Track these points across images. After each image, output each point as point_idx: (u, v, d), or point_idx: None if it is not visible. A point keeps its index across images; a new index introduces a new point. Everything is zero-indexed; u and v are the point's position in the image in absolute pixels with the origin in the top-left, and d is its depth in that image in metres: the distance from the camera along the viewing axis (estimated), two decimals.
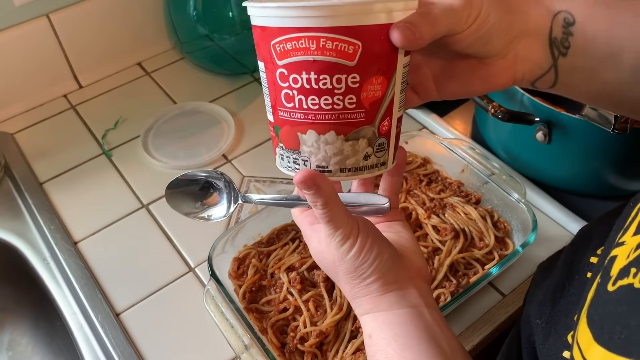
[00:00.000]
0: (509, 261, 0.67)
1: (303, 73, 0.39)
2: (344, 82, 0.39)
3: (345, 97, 0.40)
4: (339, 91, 0.40)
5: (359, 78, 0.39)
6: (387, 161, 0.44)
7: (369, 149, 0.43)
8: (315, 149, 0.42)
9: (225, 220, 0.79)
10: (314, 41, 0.38)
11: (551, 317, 0.43)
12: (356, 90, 0.40)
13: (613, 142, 0.69)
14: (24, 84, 0.95)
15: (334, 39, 0.38)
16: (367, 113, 0.41)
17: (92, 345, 0.66)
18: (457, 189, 0.78)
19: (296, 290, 0.65)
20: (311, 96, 0.40)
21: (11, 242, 0.77)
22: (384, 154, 0.44)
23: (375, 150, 0.43)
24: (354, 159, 0.42)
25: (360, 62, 0.39)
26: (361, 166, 0.43)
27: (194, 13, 0.92)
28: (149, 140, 0.90)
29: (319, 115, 0.41)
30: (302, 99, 0.41)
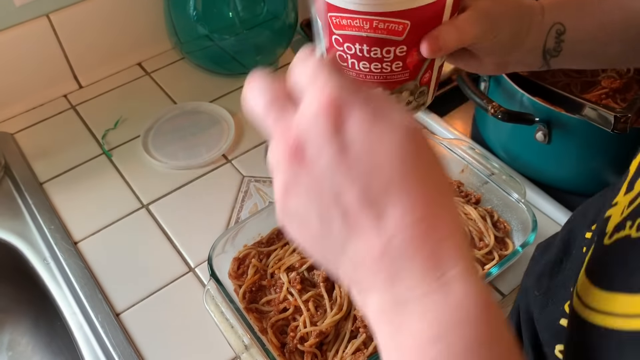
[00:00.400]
0: (508, 261, 0.67)
1: (356, 44, 0.44)
2: (393, 52, 0.44)
3: (393, 63, 0.45)
4: (387, 59, 0.45)
5: (406, 48, 0.45)
6: (426, 101, 0.52)
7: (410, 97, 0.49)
8: None
9: (225, 221, 0.79)
10: (368, 22, 0.42)
11: (549, 289, 0.43)
12: (403, 58, 0.45)
13: (613, 142, 0.69)
14: (24, 84, 0.95)
15: (385, 20, 0.42)
16: (411, 72, 0.47)
17: (92, 345, 0.66)
18: (456, 189, 0.78)
19: (296, 290, 0.65)
20: (363, 62, 0.45)
21: (11, 242, 0.77)
22: (424, 97, 0.51)
23: (416, 97, 0.50)
24: None
25: (408, 36, 0.44)
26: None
27: (194, 13, 0.92)
28: (149, 140, 0.90)
29: (369, 76, 0.46)
30: (354, 63, 0.46)
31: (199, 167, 0.86)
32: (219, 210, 0.80)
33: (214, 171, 0.86)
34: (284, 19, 0.97)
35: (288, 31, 1.00)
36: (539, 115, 0.71)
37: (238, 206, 0.81)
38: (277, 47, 1.01)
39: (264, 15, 0.94)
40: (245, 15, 0.94)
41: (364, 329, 0.62)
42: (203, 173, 0.86)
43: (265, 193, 0.82)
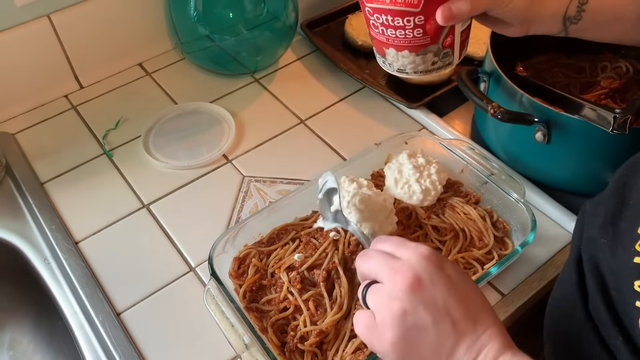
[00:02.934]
0: (508, 261, 0.67)
1: (382, 15, 0.55)
2: (413, 21, 0.54)
3: (414, 30, 0.55)
4: (409, 26, 0.55)
5: (423, 18, 0.54)
6: (452, 61, 0.61)
7: (435, 59, 0.59)
8: (395, 59, 0.60)
9: (225, 220, 0.79)
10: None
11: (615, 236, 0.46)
12: (422, 25, 0.54)
13: (612, 142, 0.69)
14: (25, 85, 0.95)
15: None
16: (432, 37, 0.56)
17: (93, 345, 0.66)
18: (456, 189, 0.78)
19: (296, 290, 0.65)
20: (389, 29, 0.56)
21: (12, 242, 0.77)
22: (449, 58, 0.60)
23: (441, 57, 0.59)
24: (424, 65, 0.59)
25: (424, 7, 0.53)
26: (430, 69, 0.60)
27: (195, 14, 0.92)
28: (150, 141, 0.90)
29: (396, 40, 0.57)
30: (383, 30, 0.57)
31: (199, 167, 0.86)
32: (219, 210, 0.80)
33: (215, 171, 0.86)
34: (284, 19, 0.97)
35: (288, 32, 1.00)
36: (539, 115, 0.71)
37: (238, 206, 0.81)
38: (278, 48, 1.02)
39: (265, 16, 0.95)
40: (246, 15, 0.94)
41: None
42: (204, 173, 0.86)
43: (266, 193, 0.82)
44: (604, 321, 0.45)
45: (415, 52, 0.58)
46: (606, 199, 0.50)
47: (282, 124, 0.93)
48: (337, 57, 1.01)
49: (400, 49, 0.58)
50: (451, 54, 0.60)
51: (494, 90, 0.79)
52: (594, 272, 0.48)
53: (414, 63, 0.59)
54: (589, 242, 0.50)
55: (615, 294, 0.45)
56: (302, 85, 1.00)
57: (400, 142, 0.81)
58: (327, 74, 1.02)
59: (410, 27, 0.55)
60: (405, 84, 0.96)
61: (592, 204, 0.54)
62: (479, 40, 1.02)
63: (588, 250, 0.50)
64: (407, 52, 0.58)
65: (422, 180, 0.74)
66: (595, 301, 0.47)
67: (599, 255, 0.48)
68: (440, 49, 0.58)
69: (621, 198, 0.48)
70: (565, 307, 0.52)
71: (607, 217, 0.48)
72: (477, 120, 0.90)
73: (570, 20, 0.54)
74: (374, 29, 0.59)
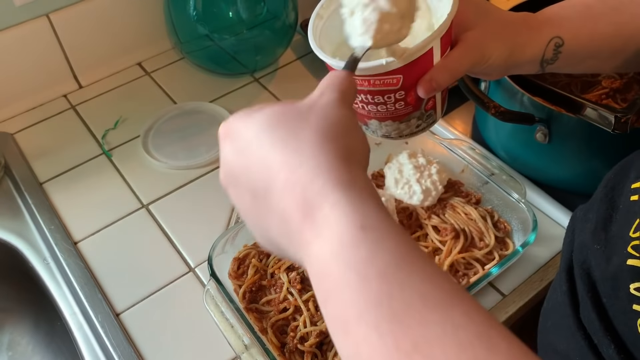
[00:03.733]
0: (509, 261, 0.67)
1: (361, 95, 0.52)
2: (393, 97, 0.51)
3: (395, 103, 0.52)
4: (390, 101, 0.52)
5: (404, 93, 0.51)
6: (436, 119, 0.58)
7: (419, 122, 0.56)
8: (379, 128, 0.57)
9: (225, 221, 0.79)
10: (366, 81, 0.49)
11: (608, 241, 0.46)
12: (403, 98, 0.51)
13: (613, 142, 0.69)
14: (24, 84, 0.95)
15: (380, 78, 0.49)
16: (414, 106, 0.53)
17: (92, 345, 0.66)
18: (457, 189, 0.78)
19: (296, 290, 0.65)
20: (370, 105, 0.53)
21: (11, 242, 0.77)
22: (432, 117, 0.57)
23: (424, 119, 0.56)
24: (408, 130, 0.57)
25: (404, 84, 0.50)
26: (415, 131, 0.57)
27: (194, 13, 0.92)
28: (149, 140, 0.90)
29: (378, 114, 0.54)
30: (363, 106, 0.53)
31: (199, 167, 0.86)
32: (219, 210, 0.80)
33: (214, 171, 0.86)
34: (284, 19, 0.97)
35: (288, 31, 1.00)
36: (539, 115, 0.71)
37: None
38: (277, 47, 1.01)
39: (264, 15, 0.94)
40: (245, 15, 0.94)
41: None
42: (203, 173, 0.86)
43: None
44: (596, 329, 0.45)
45: (399, 121, 0.56)
46: (596, 205, 0.50)
47: None
48: None
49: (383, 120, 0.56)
50: (434, 114, 0.58)
51: (494, 90, 0.79)
52: (584, 279, 0.47)
53: (399, 129, 0.57)
54: (581, 248, 0.50)
55: (607, 300, 0.44)
56: (302, 85, 1.00)
57: (400, 142, 0.81)
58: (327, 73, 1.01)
59: (392, 102, 0.53)
60: None
61: (581, 211, 0.54)
62: None
63: (579, 257, 0.49)
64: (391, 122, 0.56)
65: (423, 180, 0.74)
66: (586, 310, 0.46)
67: (591, 261, 0.47)
68: (424, 113, 0.56)
69: (611, 202, 0.48)
70: (557, 317, 0.51)
71: (598, 222, 0.48)
72: (477, 120, 0.90)
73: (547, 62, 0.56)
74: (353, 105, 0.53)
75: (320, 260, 0.31)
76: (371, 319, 0.28)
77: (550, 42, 0.54)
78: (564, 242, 0.56)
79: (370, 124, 0.57)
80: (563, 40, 0.54)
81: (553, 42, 0.54)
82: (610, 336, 0.43)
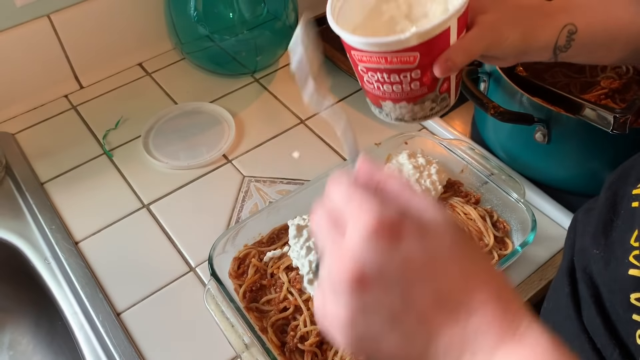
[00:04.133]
0: (508, 261, 0.67)
1: (377, 73, 0.52)
2: (409, 76, 0.51)
3: (411, 83, 0.52)
4: (405, 81, 0.52)
5: (420, 72, 0.51)
6: (449, 103, 0.58)
7: (433, 104, 0.56)
8: (392, 110, 0.57)
9: (225, 220, 0.79)
10: (382, 58, 0.50)
11: (607, 247, 0.46)
12: (419, 78, 0.52)
13: (612, 142, 0.69)
14: (25, 85, 0.95)
15: (397, 55, 0.49)
16: (429, 87, 0.53)
17: (93, 345, 0.66)
18: (456, 189, 0.78)
19: (296, 290, 0.65)
20: (386, 85, 0.53)
21: (12, 242, 0.77)
22: (446, 101, 0.57)
23: (439, 102, 0.57)
24: (422, 112, 0.57)
25: (420, 63, 0.50)
26: (429, 114, 0.57)
27: (195, 14, 0.92)
28: (150, 141, 0.90)
29: (393, 94, 0.54)
30: (379, 86, 0.53)
31: (199, 167, 0.86)
32: (219, 210, 0.80)
33: (215, 171, 0.86)
34: (284, 19, 0.97)
35: (288, 32, 1.00)
36: (539, 115, 0.71)
37: (238, 206, 0.81)
38: (277, 48, 1.02)
39: (264, 16, 0.95)
40: (246, 15, 0.94)
41: None
42: (204, 173, 0.86)
43: (266, 193, 0.82)
44: (600, 334, 0.45)
45: (413, 102, 0.56)
46: (598, 208, 0.50)
47: (282, 124, 0.93)
48: (337, 57, 1.01)
49: (397, 102, 0.56)
50: (448, 97, 0.58)
51: (494, 90, 0.79)
52: (587, 283, 0.47)
53: (413, 112, 0.57)
54: (582, 252, 0.50)
55: (610, 305, 0.44)
56: None
57: (400, 142, 0.81)
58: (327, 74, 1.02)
59: (407, 82, 0.53)
60: None
61: (583, 212, 0.54)
62: None
63: (581, 261, 0.49)
64: (405, 103, 0.56)
65: (422, 181, 0.74)
66: (590, 313, 0.46)
67: (592, 266, 0.47)
68: (438, 95, 0.56)
69: (612, 207, 0.48)
70: (559, 319, 0.51)
71: (598, 227, 0.48)
72: (477, 120, 0.90)
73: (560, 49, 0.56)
74: (368, 85, 0.56)
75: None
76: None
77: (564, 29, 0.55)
78: (565, 243, 0.56)
79: (384, 105, 0.57)
80: (577, 28, 0.55)
81: (567, 29, 0.55)
82: (614, 341, 0.43)
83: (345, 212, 0.33)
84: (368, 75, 0.53)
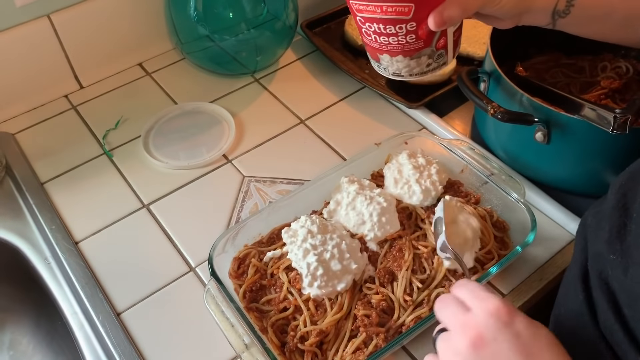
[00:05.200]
0: (508, 261, 0.67)
1: (374, 23, 0.55)
2: (405, 28, 0.54)
3: (406, 36, 0.55)
4: (401, 33, 0.55)
5: (415, 24, 0.54)
6: (447, 61, 0.61)
7: (429, 60, 0.59)
8: (390, 64, 0.60)
9: (225, 220, 0.79)
10: (378, 7, 0.53)
11: (624, 252, 0.46)
12: (414, 31, 0.55)
13: (612, 142, 0.69)
14: (25, 84, 0.95)
15: (392, 5, 0.52)
16: (425, 41, 0.57)
17: (93, 345, 0.66)
18: (456, 189, 0.78)
19: (296, 290, 0.65)
20: (382, 36, 0.56)
21: (12, 242, 0.77)
22: (443, 58, 0.60)
23: (435, 59, 0.60)
24: (419, 68, 0.60)
25: (415, 14, 0.53)
26: (425, 70, 0.61)
27: (195, 14, 0.92)
28: (150, 141, 0.90)
29: (389, 46, 0.57)
30: (376, 37, 0.57)
31: (199, 167, 0.86)
32: (219, 210, 0.80)
33: (215, 171, 0.86)
34: (284, 19, 0.97)
35: (288, 32, 1.00)
36: (539, 115, 0.71)
37: (238, 206, 0.81)
38: (278, 48, 1.02)
39: (265, 16, 0.95)
40: (246, 15, 0.94)
41: (364, 328, 0.62)
42: (203, 173, 0.86)
43: (265, 193, 0.82)
44: (619, 341, 0.45)
45: (409, 56, 0.58)
46: (609, 212, 0.49)
47: (282, 124, 0.93)
48: (337, 57, 1.01)
49: (394, 55, 0.58)
50: (445, 54, 0.60)
51: (494, 90, 0.79)
52: (603, 289, 0.47)
53: (409, 66, 0.60)
54: (596, 257, 0.49)
55: (628, 311, 0.44)
56: (302, 85, 1.00)
57: (400, 142, 0.81)
58: (327, 74, 1.02)
59: (403, 34, 0.55)
60: (405, 84, 0.96)
61: (593, 216, 0.53)
62: (479, 40, 1.02)
63: (596, 267, 0.49)
64: (402, 57, 0.59)
65: (422, 181, 0.74)
66: (607, 320, 0.46)
67: (608, 271, 0.47)
68: (434, 51, 0.58)
69: (624, 210, 0.47)
70: (574, 325, 0.51)
71: (612, 231, 0.47)
72: (477, 120, 0.90)
73: (559, 14, 0.56)
74: (366, 37, 0.59)
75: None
76: None
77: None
78: (575, 248, 0.55)
79: (382, 59, 0.60)
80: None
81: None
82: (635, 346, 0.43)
83: (471, 299, 0.46)
84: (366, 26, 0.57)
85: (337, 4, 1.12)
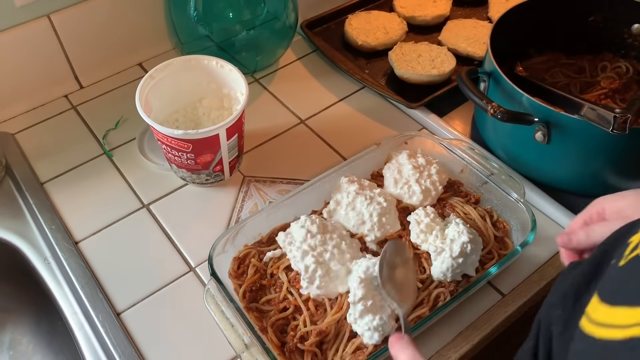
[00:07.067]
0: (508, 260, 0.67)
1: (164, 145, 0.75)
2: (185, 155, 0.74)
3: (187, 160, 0.75)
4: (183, 157, 0.74)
5: (194, 155, 0.74)
6: (224, 178, 0.82)
7: (208, 177, 0.79)
8: (177, 171, 0.80)
9: (225, 220, 0.79)
10: (165, 138, 0.72)
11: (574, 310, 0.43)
12: (193, 159, 0.74)
13: (612, 142, 0.69)
14: (25, 85, 0.95)
15: (175, 141, 0.72)
16: (203, 166, 0.76)
17: (93, 345, 0.66)
18: (456, 189, 0.78)
19: (296, 290, 0.65)
20: (170, 154, 0.76)
21: (12, 242, 0.77)
22: (220, 176, 0.80)
23: (213, 177, 0.79)
24: (199, 180, 0.80)
25: (193, 149, 0.73)
26: (204, 182, 0.80)
27: (195, 14, 0.92)
28: (145, 143, 0.89)
29: (176, 162, 0.77)
30: (170, 157, 0.77)
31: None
32: (219, 210, 0.80)
33: None
34: (284, 19, 0.97)
35: (288, 32, 1.00)
36: (539, 115, 0.71)
37: (238, 206, 0.81)
38: (277, 48, 1.02)
39: (264, 16, 0.95)
40: (246, 16, 0.94)
41: None
42: None
43: (265, 193, 0.82)
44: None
45: (191, 172, 0.77)
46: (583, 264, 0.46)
47: (282, 124, 0.93)
48: (337, 57, 1.01)
49: (179, 167, 0.77)
50: (222, 174, 0.80)
51: (493, 90, 0.79)
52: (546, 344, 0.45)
53: (191, 177, 0.79)
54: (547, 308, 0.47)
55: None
56: (302, 85, 1.00)
57: (400, 142, 0.81)
58: (327, 74, 1.02)
59: (185, 159, 0.74)
60: (405, 84, 0.96)
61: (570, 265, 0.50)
62: (479, 40, 1.02)
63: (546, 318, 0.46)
64: (185, 170, 0.77)
65: (422, 181, 0.74)
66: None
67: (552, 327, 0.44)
68: (211, 172, 0.78)
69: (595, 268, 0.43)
70: None
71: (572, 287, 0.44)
72: (477, 120, 0.90)
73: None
74: (162, 150, 0.77)
75: None
76: None
77: None
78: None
79: (172, 166, 0.79)
80: None
81: None
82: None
83: None
84: (164, 145, 0.74)
85: (337, 4, 1.12)
